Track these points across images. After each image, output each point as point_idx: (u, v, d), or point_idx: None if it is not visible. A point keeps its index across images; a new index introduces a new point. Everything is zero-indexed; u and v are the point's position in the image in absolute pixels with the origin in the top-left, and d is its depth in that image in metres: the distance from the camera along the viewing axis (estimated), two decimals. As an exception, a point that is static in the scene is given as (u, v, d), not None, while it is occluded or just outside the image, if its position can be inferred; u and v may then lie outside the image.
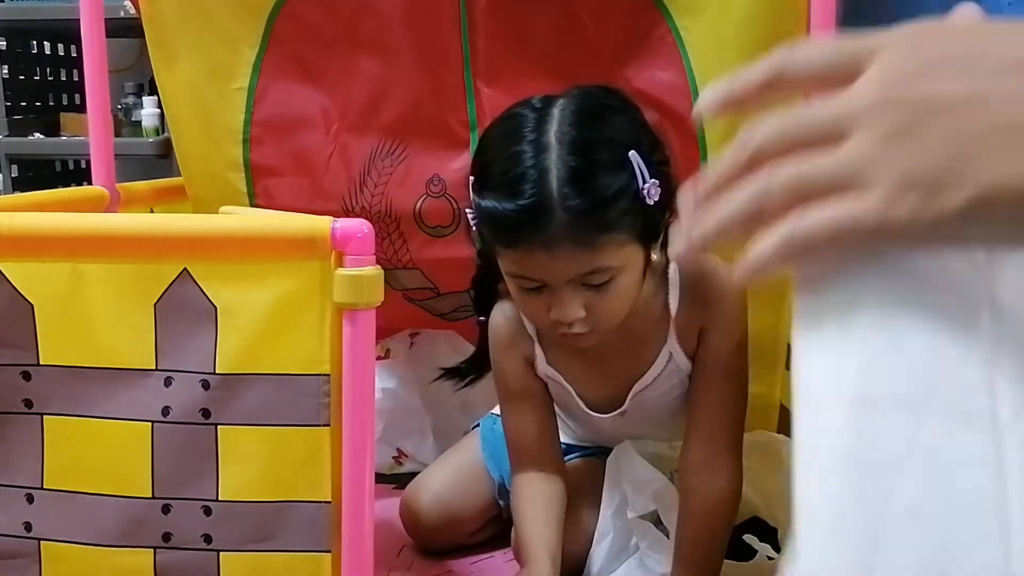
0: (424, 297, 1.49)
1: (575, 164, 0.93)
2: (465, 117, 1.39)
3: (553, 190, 0.92)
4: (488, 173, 0.98)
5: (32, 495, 0.94)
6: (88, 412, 0.92)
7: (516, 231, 0.95)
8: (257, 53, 1.36)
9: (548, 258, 0.94)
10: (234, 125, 1.38)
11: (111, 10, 1.38)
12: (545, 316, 1.00)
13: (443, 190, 1.39)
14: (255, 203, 1.40)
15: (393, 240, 1.43)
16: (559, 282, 0.97)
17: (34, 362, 0.92)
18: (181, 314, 0.90)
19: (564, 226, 0.92)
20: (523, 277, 0.99)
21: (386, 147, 1.40)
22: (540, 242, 0.94)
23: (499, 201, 0.95)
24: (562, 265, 0.95)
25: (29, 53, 2.43)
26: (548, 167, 0.93)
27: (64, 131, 2.40)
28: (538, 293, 0.99)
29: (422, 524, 1.27)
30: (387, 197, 1.40)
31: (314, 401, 0.90)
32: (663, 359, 1.10)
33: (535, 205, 0.92)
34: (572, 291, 0.97)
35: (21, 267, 0.91)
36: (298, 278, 0.89)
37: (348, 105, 1.38)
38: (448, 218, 1.40)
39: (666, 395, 1.13)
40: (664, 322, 1.08)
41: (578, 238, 0.93)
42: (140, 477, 0.91)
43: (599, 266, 0.95)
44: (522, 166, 0.94)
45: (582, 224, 0.93)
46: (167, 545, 0.92)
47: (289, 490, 0.91)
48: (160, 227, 0.92)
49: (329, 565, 0.91)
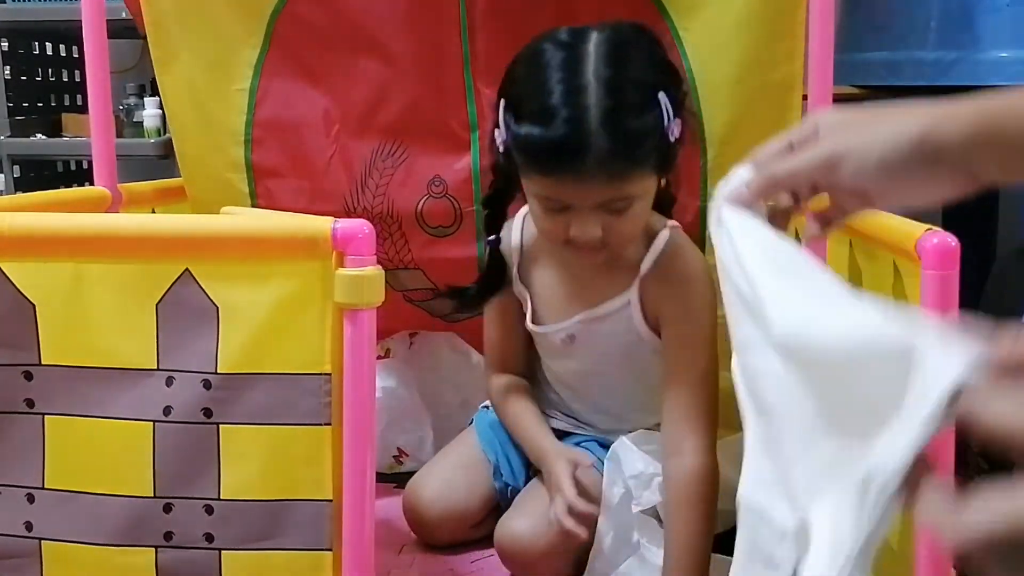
0: (424, 298, 1.49)
1: (611, 104, 1.01)
2: (465, 118, 1.39)
3: (591, 128, 1.00)
4: (526, 104, 1.06)
5: (33, 495, 0.94)
6: (90, 412, 0.92)
7: (553, 162, 1.04)
8: (258, 54, 1.36)
9: (579, 186, 1.04)
10: (235, 126, 1.38)
11: (113, 11, 1.37)
12: (563, 234, 1.09)
13: (444, 191, 1.40)
14: (256, 204, 1.40)
15: (395, 240, 1.43)
16: (584, 206, 1.06)
17: (36, 362, 0.92)
18: (183, 314, 0.90)
19: (598, 160, 1.01)
20: (550, 199, 1.07)
21: (387, 148, 1.40)
22: (574, 172, 1.02)
23: (538, 133, 1.03)
24: (591, 193, 1.05)
25: (31, 54, 2.43)
26: (587, 105, 1.01)
27: (66, 132, 2.40)
28: (560, 213, 1.08)
29: (425, 518, 1.28)
30: (389, 198, 1.40)
31: (315, 400, 0.90)
32: (620, 302, 1.18)
33: (574, 141, 1.01)
34: (594, 214, 1.06)
35: (23, 267, 0.91)
36: (299, 278, 0.89)
37: (349, 106, 1.39)
38: (450, 218, 1.41)
39: (616, 337, 1.20)
40: (633, 274, 1.17)
41: (609, 171, 1.02)
42: (142, 476, 0.92)
43: (623, 194, 1.05)
44: (562, 103, 1.02)
45: (615, 159, 1.02)
46: (169, 544, 0.92)
47: (290, 489, 0.91)
48: (162, 227, 0.93)
49: (330, 564, 0.92)
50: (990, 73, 0.91)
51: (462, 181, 1.40)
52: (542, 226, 1.13)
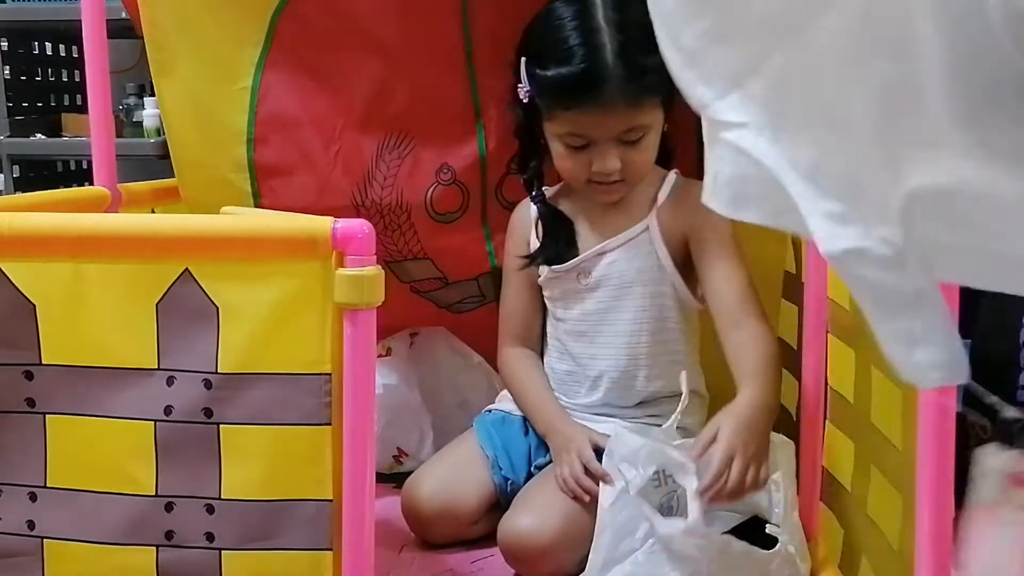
0: (432, 288, 1.50)
1: (622, 40, 1.17)
2: (470, 105, 1.41)
3: (607, 62, 1.17)
4: (547, 52, 1.22)
5: (35, 494, 0.94)
6: (90, 411, 0.92)
7: (577, 93, 1.19)
8: (260, 52, 1.36)
9: (601, 115, 1.19)
10: (238, 125, 1.38)
11: (112, 11, 1.38)
12: (586, 172, 1.24)
13: (453, 178, 1.43)
14: (260, 203, 1.40)
15: (404, 231, 1.45)
16: (604, 138, 1.21)
17: (36, 362, 0.92)
18: (183, 314, 0.91)
19: (615, 89, 1.17)
20: (574, 135, 1.22)
21: (392, 140, 1.41)
22: (596, 102, 1.18)
23: (562, 71, 1.19)
24: (611, 121, 1.19)
25: (31, 54, 2.44)
26: (602, 44, 1.17)
27: (66, 132, 2.40)
28: (582, 151, 1.23)
29: (423, 515, 1.28)
30: (397, 189, 1.42)
31: (315, 400, 0.90)
32: (638, 229, 1.28)
33: (594, 73, 1.17)
34: (612, 147, 1.21)
35: (23, 267, 0.91)
36: (299, 278, 0.89)
37: (352, 101, 1.39)
38: (456, 204, 1.44)
39: (634, 263, 1.28)
40: (649, 207, 1.29)
41: (625, 99, 1.18)
42: (142, 476, 0.92)
43: (638, 123, 1.21)
44: (579, 43, 1.18)
45: (630, 86, 1.17)
46: (169, 543, 0.93)
47: (291, 489, 0.91)
48: (162, 227, 0.93)
49: (330, 563, 0.92)
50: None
51: (470, 167, 1.43)
52: (565, 166, 1.26)
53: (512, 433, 1.35)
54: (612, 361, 1.29)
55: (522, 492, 1.27)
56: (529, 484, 1.28)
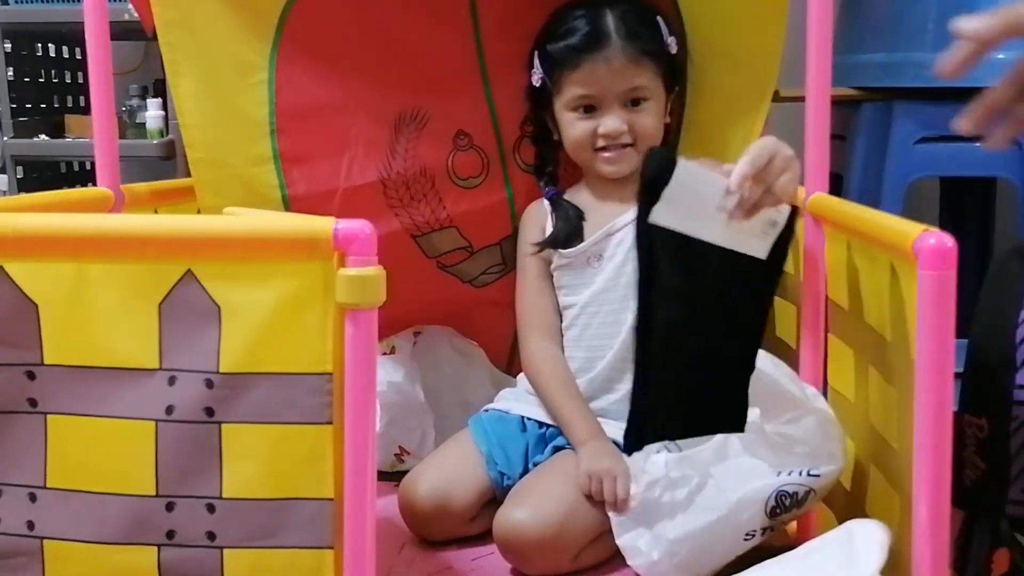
0: (458, 260, 1.53)
1: (622, 12, 1.33)
2: (477, 70, 1.47)
3: (611, 26, 1.32)
4: (555, 32, 1.36)
5: (35, 494, 0.94)
6: (92, 411, 0.93)
7: (583, 52, 1.32)
8: (272, 44, 1.38)
9: (606, 70, 1.32)
10: (259, 117, 1.40)
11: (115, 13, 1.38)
12: (593, 138, 1.35)
13: (470, 143, 1.49)
14: (287, 193, 1.42)
15: (430, 200, 1.49)
16: (610, 96, 1.33)
17: (38, 361, 0.93)
18: (185, 314, 0.91)
19: (616, 46, 1.31)
20: (582, 96, 1.34)
21: (408, 113, 1.46)
22: (602, 58, 1.31)
23: (569, 39, 1.34)
24: (616, 76, 1.32)
25: (34, 55, 2.44)
26: (604, 14, 1.33)
27: (69, 133, 2.41)
28: (589, 117, 1.35)
29: (420, 512, 1.29)
30: (419, 158, 1.47)
31: (317, 400, 0.90)
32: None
33: (599, 33, 1.32)
34: (618, 108, 1.33)
35: (26, 267, 0.92)
36: (301, 278, 0.90)
37: (367, 81, 1.43)
38: (478, 168, 1.50)
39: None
40: None
41: (627, 55, 1.31)
42: (144, 475, 0.92)
43: (640, 84, 1.33)
44: (584, 20, 1.34)
45: (631, 43, 1.31)
46: (171, 543, 0.93)
47: (292, 488, 0.92)
48: (164, 228, 0.93)
49: (331, 562, 0.92)
50: (988, 75, 0.92)
51: (484, 131, 1.49)
52: (574, 135, 1.36)
53: (509, 430, 1.36)
54: (614, 347, 1.34)
55: (519, 484, 1.28)
56: (527, 477, 1.29)
